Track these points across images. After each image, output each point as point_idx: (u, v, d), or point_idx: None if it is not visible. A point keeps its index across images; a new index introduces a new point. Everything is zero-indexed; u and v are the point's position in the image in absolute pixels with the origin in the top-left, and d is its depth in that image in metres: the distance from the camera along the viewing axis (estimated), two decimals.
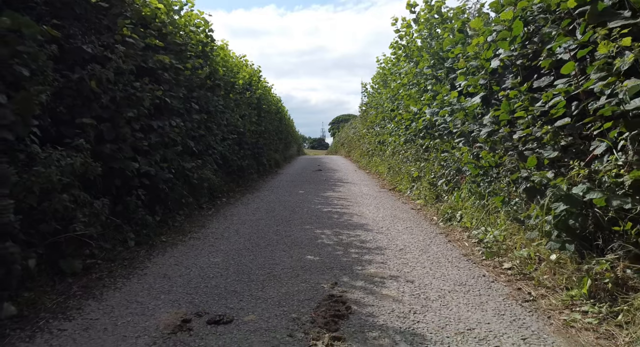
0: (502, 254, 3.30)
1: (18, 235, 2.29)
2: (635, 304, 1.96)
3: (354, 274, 3.06)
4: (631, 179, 1.99)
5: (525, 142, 2.99)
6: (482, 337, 2.09)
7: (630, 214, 2.09)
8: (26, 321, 2.26)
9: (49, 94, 2.59)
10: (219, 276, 3.04)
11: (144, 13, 4.07)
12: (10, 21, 2.26)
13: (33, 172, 2.39)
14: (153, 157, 4.08)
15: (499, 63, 3.44)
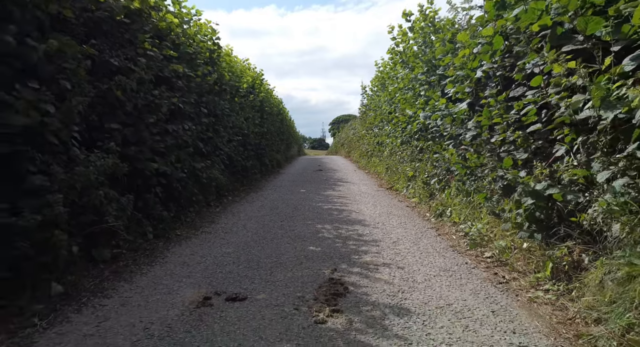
0: (484, 245, 3.69)
1: (63, 225, 2.69)
2: (585, 281, 2.35)
3: (351, 262, 3.45)
4: (582, 176, 2.37)
5: (502, 145, 3.38)
6: (458, 311, 2.48)
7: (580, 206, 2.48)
8: (71, 299, 2.65)
9: (85, 104, 2.98)
10: (232, 263, 3.43)
11: (160, 26, 4.46)
12: (57, 43, 2.65)
13: (75, 172, 2.78)
14: (169, 158, 4.47)
15: (481, 74, 3.83)
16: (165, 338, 2.16)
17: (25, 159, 2.46)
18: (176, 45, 4.80)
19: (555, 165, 2.68)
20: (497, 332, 2.21)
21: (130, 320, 2.38)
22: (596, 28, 2.19)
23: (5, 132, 2.29)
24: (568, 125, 2.56)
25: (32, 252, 2.46)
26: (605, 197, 2.07)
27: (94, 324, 2.33)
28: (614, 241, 2.07)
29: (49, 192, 2.54)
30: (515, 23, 3.11)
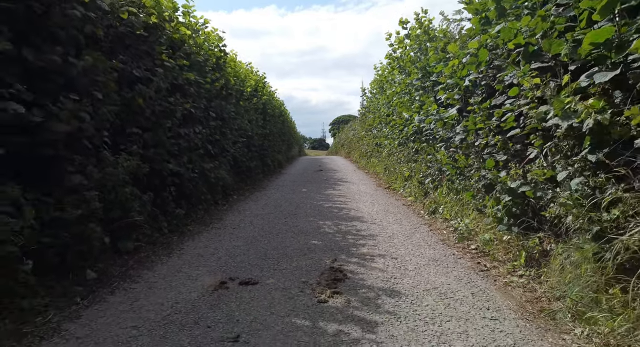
0: (470, 238, 4.06)
1: (97, 219, 3.06)
2: (551, 267, 2.72)
3: (350, 253, 3.82)
4: (544, 176, 2.74)
5: (485, 148, 3.75)
6: (442, 292, 2.85)
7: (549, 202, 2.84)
8: (103, 283, 3.03)
9: (114, 112, 3.36)
10: (242, 254, 3.80)
11: (174, 38, 4.83)
12: (91, 59, 3.03)
13: (107, 172, 3.15)
14: (182, 160, 4.84)
15: (469, 82, 4.20)
16: (190, 313, 2.53)
17: (66, 161, 2.84)
18: (187, 54, 5.17)
19: (528, 166, 3.05)
20: (474, 308, 2.58)
21: (158, 300, 2.75)
22: (558, 49, 2.56)
23: (51, 138, 2.67)
24: (538, 131, 2.93)
25: (72, 242, 2.83)
26: (563, 193, 2.44)
27: (128, 303, 2.70)
28: (571, 230, 2.44)
29: (86, 190, 2.91)
30: (495, 39, 3.48)
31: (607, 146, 2.19)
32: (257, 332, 2.29)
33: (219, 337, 2.23)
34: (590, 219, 2.22)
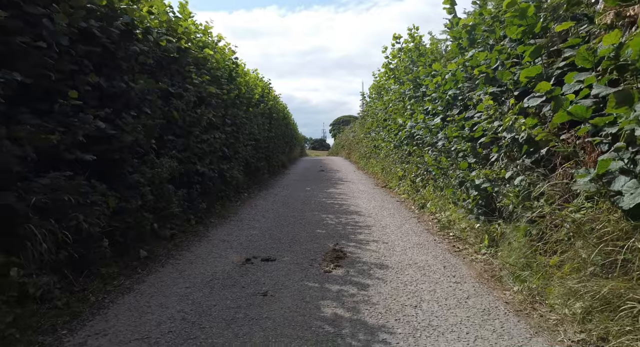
0: (450, 227, 4.86)
1: (149, 209, 3.86)
2: (505, 244, 3.51)
3: (349, 239, 4.62)
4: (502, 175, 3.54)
5: (459, 152, 4.55)
6: (421, 266, 3.65)
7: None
8: (152, 260, 3.83)
9: (159, 124, 4.16)
10: (260, 240, 4.60)
11: (199, 57, 5.63)
12: (144, 82, 3.84)
13: (155, 172, 3.96)
14: (205, 161, 5.65)
15: (449, 97, 5.00)
16: (227, 279, 3.34)
17: (127, 163, 3.64)
18: (209, 69, 5.97)
19: (489, 167, 3.84)
20: (443, 276, 3.38)
21: (200, 271, 3.55)
22: (507, 78, 3.34)
23: (119, 146, 3.47)
24: (496, 140, 3.73)
25: (132, 227, 3.63)
26: (510, 188, 3.24)
27: (177, 273, 3.50)
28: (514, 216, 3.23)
29: (142, 186, 3.71)
30: (466, 64, 4.27)
31: (536, 153, 2.99)
32: (279, 290, 3.09)
33: (252, 293, 3.03)
34: (524, 207, 3.02)
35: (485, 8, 3.98)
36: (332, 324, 2.54)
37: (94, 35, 3.13)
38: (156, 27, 4.30)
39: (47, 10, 2.66)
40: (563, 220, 2.53)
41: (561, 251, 2.55)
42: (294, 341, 2.32)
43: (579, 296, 2.20)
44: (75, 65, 2.96)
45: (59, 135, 2.62)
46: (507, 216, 3.46)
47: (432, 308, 2.76)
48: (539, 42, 3.00)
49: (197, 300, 2.93)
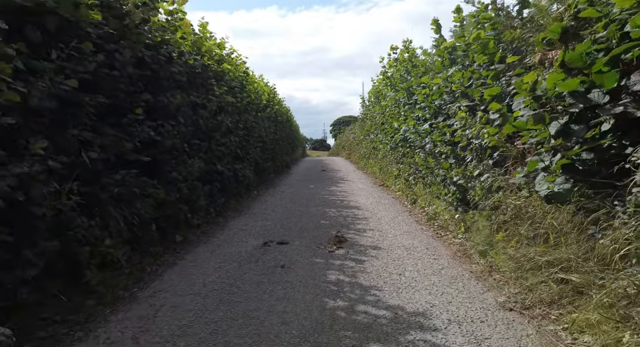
0: (435, 218, 5.66)
1: (185, 201, 4.68)
2: (475, 229, 4.31)
3: (349, 228, 5.43)
4: (474, 173, 4.35)
5: (442, 154, 5.36)
6: (407, 248, 4.45)
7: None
8: (186, 244, 4.63)
9: (190, 131, 4.98)
10: (273, 229, 5.41)
11: (218, 71, 6.45)
12: (180, 97, 4.65)
13: (188, 170, 4.77)
14: (223, 162, 6.46)
15: (435, 107, 5.80)
16: (251, 257, 4.15)
17: (168, 163, 4.46)
18: (226, 81, 6.79)
19: (464, 167, 4.65)
20: (425, 255, 4.18)
21: (227, 251, 4.36)
22: (477, 94, 4.15)
23: (162, 149, 4.28)
24: (469, 144, 4.54)
25: (171, 215, 4.45)
26: (478, 184, 4.05)
27: (209, 253, 4.31)
28: (480, 206, 4.04)
29: (179, 182, 4.53)
30: (448, 80, 5.08)
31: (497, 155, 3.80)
32: (293, 264, 3.90)
33: (272, 266, 3.85)
34: (487, 198, 3.83)
35: (463, 34, 4.79)
36: (336, 285, 3.35)
37: (146, 62, 3.95)
38: (187, 50, 5.11)
39: (117, 46, 3.47)
40: (507, 206, 3.33)
41: (506, 229, 3.36)
42: (308, 294, 3.13)
43: (514, 259, 3.01)
44: (133, 87, 3.78)
45: (128, 142, 3.44)
46: (476, 206, 4.27)
47: (413, 275, 3.57)
48: (499, 68, 3.81)
49: (230, 271, 3.74)
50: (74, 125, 2.83)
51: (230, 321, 2.72)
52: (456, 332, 2.53)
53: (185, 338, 2.49)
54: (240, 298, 3.10)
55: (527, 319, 2.65)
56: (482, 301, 2.98)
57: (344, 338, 2.47)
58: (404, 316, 2.77)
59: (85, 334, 2.54)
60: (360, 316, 2.76)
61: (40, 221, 2.43)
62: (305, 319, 2.72)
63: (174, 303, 3.02)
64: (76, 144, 2.80)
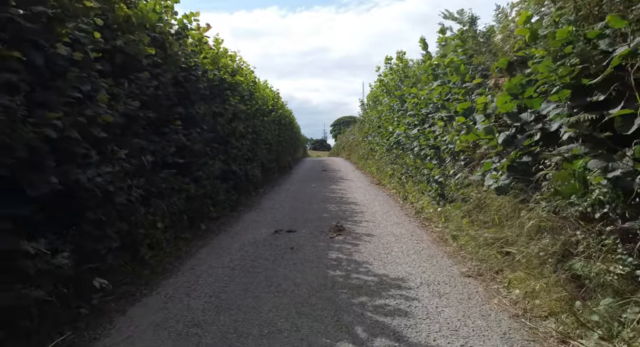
0: (422, 212, 6.53)
1: (209, 196, 5.55)
2: (451, 219, 5.18)
3: (347, 220, 6.30)
4: (450, 172, 5.21)
5: (426, 156, 6.23)
6: (396, 235, 5.32)
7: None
8: (209, 232, 5.51)
9: (211, 135, 5.85)
10: (282, 220, 6.28)
11: (232, 82, 7.31)
12: (204, 107, 5.52)
13: (210, 170, 5.64)
14: (236, 163, 7.34)
15: (422, 115, 6.68)
16: (266, 241, 5.02)
17: (195, 164, 5.33)
18: (239, 91, 7.66)
19: (444, 167, 5.53)
20: (410, 240, 5.05)
21: (245, 237, 5.23)
22: (452, 107, 5.01)
23: (190, 153, 5.15)
24: (446, 148, 5.41)
25: (197, 208, 5.32)
26: (453, 181, 4.92)
27: (229, 239, 5.18)
28: (455, 199, 4.91)
29: (203, 180, 5.40)
30: (431, 93, 5.96)
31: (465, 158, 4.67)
32: (301, 247, 4.77)
33: (283, 248, 4.71)
34: (458, 192, 4.69)
35: (445, 54, 5.65)
36: (335, 260, 4.22)
37: (180, 81, 4.82)
38: (209, 68, 5.98)
39: (161, 70, 4.34)
40: (471, 198, 4.21)
41: (470, 216, 4.23)
42: (313, 267, 4.01)
43: (474, 239, 3.88)
44: (171, 102, 4.65)
45: (170, 147, 4.31)
46: (451, 200, 5.14)
47: (397, 254, 4.44)
48: (468, 86, 4.68)
49: (249, 251, 4.61)
50: (135, 136, 3.70)
51: (256, 284, 3.59)
52: (425, 290, 3.40)
53: (225, 294, 3.36)
54: (261, 269, 3.97)
55: (479, 281, 3.52)
56: (448, 271, 3.85)
57: (341, 294, 3.34)
58: (387, 280, 3.64)
59: (149, 292, 3.41)
60: (354, 281, 3.63)
61: (118, 207, 3.30)
62: (312, 283, 3.59)
63: (209, 273, 3.89)
64: (138, 149, 3.67)
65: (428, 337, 2.61)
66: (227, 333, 2.69)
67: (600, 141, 2.29)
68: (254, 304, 3.15)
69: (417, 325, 2.77)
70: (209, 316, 2.96)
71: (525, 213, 3.13)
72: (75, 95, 2.64)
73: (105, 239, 3.11)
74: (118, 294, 3.23)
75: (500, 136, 3.59)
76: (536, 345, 2.45)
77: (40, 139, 2.30)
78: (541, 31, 2.91)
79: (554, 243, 2.75)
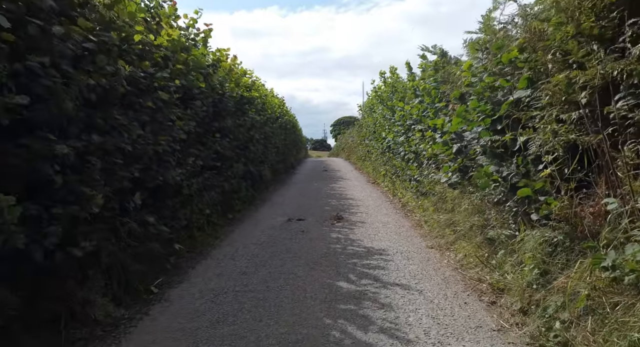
0: (406, 205, 7.96)
1: (236, 191, 7.00)
2: (425, 209, 6.60)
3: (345, 211, 7.72)
4: (425, 172, 6.62)
5: (409, 160, 7.66)
6: (384, 222, 6.75)
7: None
8: (235, 220, 6.94)
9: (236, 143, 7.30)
10: (292, 212, 7.71)
11: (249, 96, 8.75)
12: (230, 121, 6.96)
13: (235, 171, 7.07)
14: (253, 164, 8.78)
15: (407, 125, 8.11)
16: (281, 226, 6.45)
17: (225, 167, 6.77)
18: (255, 105, 9.11)
19: (421, 169, 6.95)
20: (394, 226, 6.48)
21: (264, 224, 6.66)
22: (426, 122, 6.44)
23: (222, 157, 6.59)
24: (422, 154, 6.83)
25: (225, 201, 6.75)
26: (427, 179, 6.35)
27: (253, 225, 6.62)
28: (427, 193, 6.33)
29: (232, 179, 6.84)
30: (411, 109, 7.39)
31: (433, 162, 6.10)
32: (309, 230, 6.20)
33: (296, 231, 6.14)
34: (430, 188, 6.13)
35: (424, 77, 7.08)
36: (335, 239, 5.66)
37: (216, 103, 6.26)
38: (235, 89, 7.41)
39: (204, 96, 5.77)
40: (437, 192, 5.65)
41: (436, 205, 5.67)
42: (320, 243, 5.44)
43: (438, 222, 5.32)
44: (209, 119, 6.08)
45: (211, 154, 5.75)
46: (426, 195, 6.58)
47: (382, 235, 5.87)
48: (438, 106, 6.11)
49: (270, 234, 6.04)
50: (191, 146, 5.14)
51: (279, 252, 5.02)
52: (399, 256, 4.83)
53: (258, 258, 4.79)
54: (281, 245, 5.40)
55: (437, 250, 4.96)
56: (418, 245, 5.29)
57: (340, 257, 4.77)
58: (373, 250, 5.07)
59: (204, 258, 4.84)
60: (349, 250, 5.07)
61: (183, 198, 4.73)
62: (319, 251, 5.03)
63: (244, 246, 5.32)
64: (193, 156, 5.11)
65: (395, 279, 4.04)
66: (266, 277, 4.13)
67: (497, 154, 3.71)
68: (280, 263, 4.59)
69: (389, 274, 4.21)
70: (251, 269, 4.39)
71: (465, 201, 4.57)
72: (167, 123, 4.08)
73: (176, 219, 4.56)
74: (185, 258, 4.67)
75: (454, 147, 5.03)
76: (461, 282, 3.89)
77: (154, 152, 3.74)
78: (472, 79, 4.35)
79: (479, 219, 4.19)
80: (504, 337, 2.87)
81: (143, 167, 3.58)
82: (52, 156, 2.33)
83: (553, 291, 2.80)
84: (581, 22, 2.58)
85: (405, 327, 3.05)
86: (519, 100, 3.57)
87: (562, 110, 2.86)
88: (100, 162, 2.85)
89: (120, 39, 3.33)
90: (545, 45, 3.01)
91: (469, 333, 2.95)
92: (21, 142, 2.20)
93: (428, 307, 3.39)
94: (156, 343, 2.87)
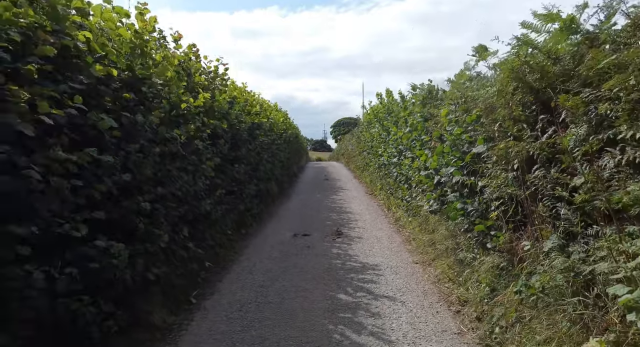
0: (399, 220, 8.96)
1: (255, 202, 8.02)
2: (414, 227, 7.60)
3: (344, 226, 8.72)
4: (413, 194, 7.61)
5: (400, 182, 8.64)
6: (378, 237, 7.74)
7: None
8: (247, 235, 7.94)
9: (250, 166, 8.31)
10: (297, 227, 8.70)
11: (258, 122, 9.75)
12: (245, 149, 7.97)
13: (248, 191, 8.08)
14: (262, 182, 9.79)
15: (402, 145, 9.11)
16: (289, 241, 7.46)
17: (240, 188, 7.77)
18: (263, 129, 10.11)
19: (410, 190, 7.95)
20: (386, 241, 7.48)
21: (273, 239, 7.66)
22: (414, 151, 7.43)
23: (240, 180, 7.59)
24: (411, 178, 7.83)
25: (241, 217, 7.76)
26: (414, 201, 7.33)
27: (263, 240, 7.62)
28: (415, 213, 7.32)
29: (245, 198, 7.85)
30: (403, 135, 8.38)
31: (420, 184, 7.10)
32: (314, 246, 7.20)
33: (302, 246, 7.15)
34: (417, 209, 7.12)
35: (413, 110, 8.07)
36: (336, 255, 6.66)
37: (234, 135, 7.26)
38: (248, 120, 8.41)
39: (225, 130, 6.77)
40: (422, 214, 6.64)
41: (421, 226, 6.67)
42: (323, 258, 6.44)
43: (423, 241, 6.31)
44: (228, 149, 7.08)
45: (230, 181, 6.76)
46: (414, 214, 7.58)
47: (376, 250, 6.87)
48: (423, 139, 7.10)
49: (280, 248, 7.04)
50: (216, 177, 6.15)
51: (289, 267, 6.02)
52: (388, 270, 5.83)
53: (272, 272, 5.79)
54: (289, 259, 6.40)
55: (421, 266, 5.96)
56: (405, 260, 6.29)
57: (340, 272, 5.77)
58: (367, 265, 6.07)
59: (227, 272, 5.84)
60: (348, 266, 6.07)
61: (210, 222, 5.74)
62: (322, 266, 6.03)
63: (259, 261, 6.32)
64: (219, 187, 6.11)
65: (384, 292, 5.04)
66: (280, 290, 5.13)
67: (462, 194, 4.71)
68: (291, 277, 5.59)
69: (380, 287, 5.21)
70: (267, 283, 5.39)
71: (443, 226, 5.57)
72: (202, 166, 5.08)
73: (205, 240, 5.57)
74: (212, 272, 5.68)
75: (435, 179, 6.03)
76: (437, 294, 4.89)
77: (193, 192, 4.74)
78: (447, 127, 5.35)
79: (452, 243, 5.19)
80: (462, 339, 3.87)
81: (187, 206, 4.58)
82: (137, 210, 3.33)
83: (497, 304, 3.80)
84: (513, 110, 3.58)
85: (390, 331, 4.05)
86: (479, 154, 4.57)
87: (505, 169, 3.86)
88: (162, 208, 3.85)
89: (170, 108, 4.34)
90: (493, 118, 4.01)
91: (436, 336, 3.96)
92: (122, 204, 3.21)
93: (408, 315, 4.40)
94: (203, 343, 3.87)
